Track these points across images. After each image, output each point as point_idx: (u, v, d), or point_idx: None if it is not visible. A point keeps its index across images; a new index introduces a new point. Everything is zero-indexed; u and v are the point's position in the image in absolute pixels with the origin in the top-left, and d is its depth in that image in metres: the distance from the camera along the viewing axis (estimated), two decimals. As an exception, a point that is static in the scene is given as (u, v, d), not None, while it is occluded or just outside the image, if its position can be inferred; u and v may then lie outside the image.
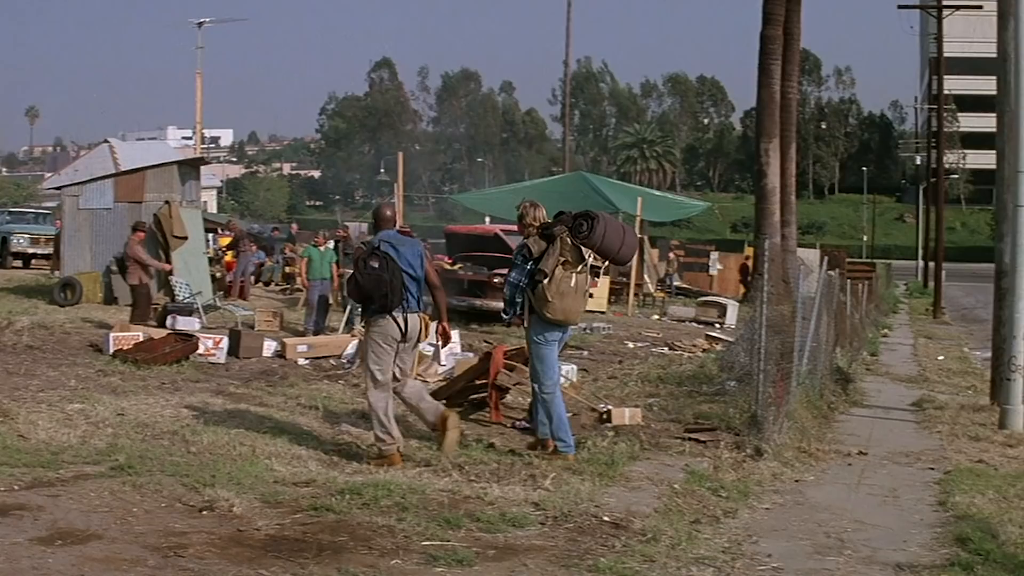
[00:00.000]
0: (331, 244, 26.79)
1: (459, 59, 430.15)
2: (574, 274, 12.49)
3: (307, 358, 20.92)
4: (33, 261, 46.25)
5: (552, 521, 9.94)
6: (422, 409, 12.84)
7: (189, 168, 31.26)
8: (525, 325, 12.99)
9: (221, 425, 13.72)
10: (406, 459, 12.39)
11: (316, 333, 23.92)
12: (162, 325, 23.46)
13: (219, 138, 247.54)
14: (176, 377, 17.97)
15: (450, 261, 30.34)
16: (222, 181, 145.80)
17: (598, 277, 13.29)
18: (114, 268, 28.17)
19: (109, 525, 9.11)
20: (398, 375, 12.57)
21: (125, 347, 19.37)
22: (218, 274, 34.24)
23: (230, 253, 37.89)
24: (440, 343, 13.94)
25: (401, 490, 10.59)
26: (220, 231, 44.57)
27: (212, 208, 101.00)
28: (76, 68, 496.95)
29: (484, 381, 15.67)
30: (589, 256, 12.56)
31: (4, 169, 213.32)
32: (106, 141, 32.57)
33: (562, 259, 12.49)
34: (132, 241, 24.78)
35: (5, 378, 17.12)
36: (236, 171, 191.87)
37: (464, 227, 37.58)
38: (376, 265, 12.06)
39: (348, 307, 25.23)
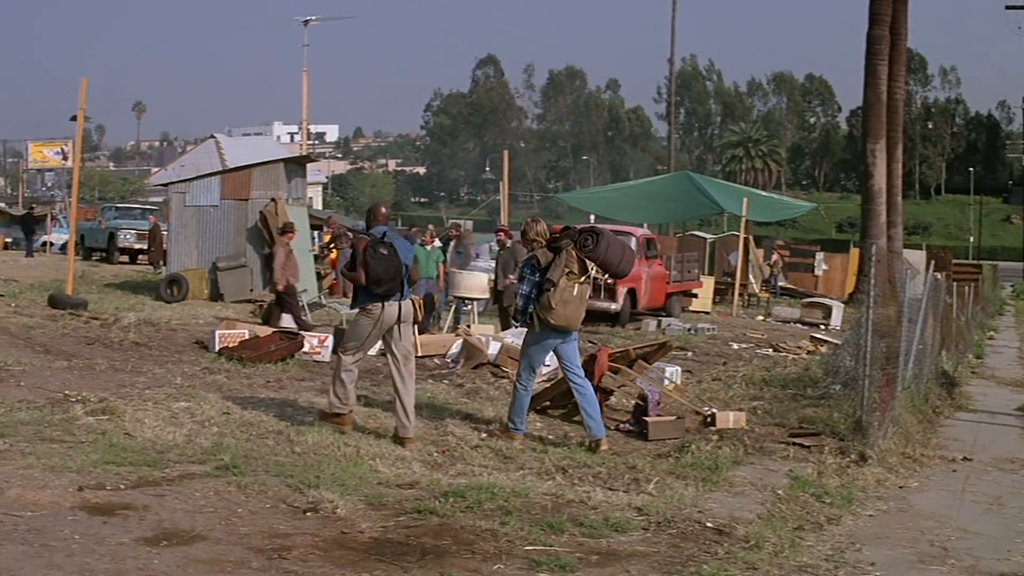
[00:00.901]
0: (437, 243, 26.81)
1: (564, 57, 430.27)
2: (577, 284, 13.36)
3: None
4: (139, 257, 46.80)
5: (655, 526, 9.89)
6: (402, 404, 13.44)
7: (295, 166, 31.46)
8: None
9: (326, 425, 13.75)
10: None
11: (421, 332, 23.89)
12: (267, 322, 23.60)
13: (324, 134, 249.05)
14: (281, 375, 18.06)
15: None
16: (327, 177, 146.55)
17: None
18: (221, 265, 28.42)
19: (214, 526, 9.14)
20: (399, 353, 13.59)
21: (231, 345, 19.49)
22: (323, 271, 34.41)
23: (335, 251, 38.07)
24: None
25: (505, 493, 10.58)
26: (324, 228, 44.78)
27: (317, 205, 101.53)
28: (183, 64, 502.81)
29: (589, 383, 15.58)
30: (592, 268, 13.58)
31: (111, 164, 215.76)
32: (212, 137, 32.84)
33: (567, 270, 13.33)
34: (280, 242, 24.74)
35: (112, 375, 17.30)
36: (341, 167, 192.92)
37: (565, 226, 37.43)
38: (386, 252, 13.05)
39: (454, 306, 25.23)
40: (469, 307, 24.99)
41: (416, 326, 23.92)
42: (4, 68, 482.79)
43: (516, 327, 15.37)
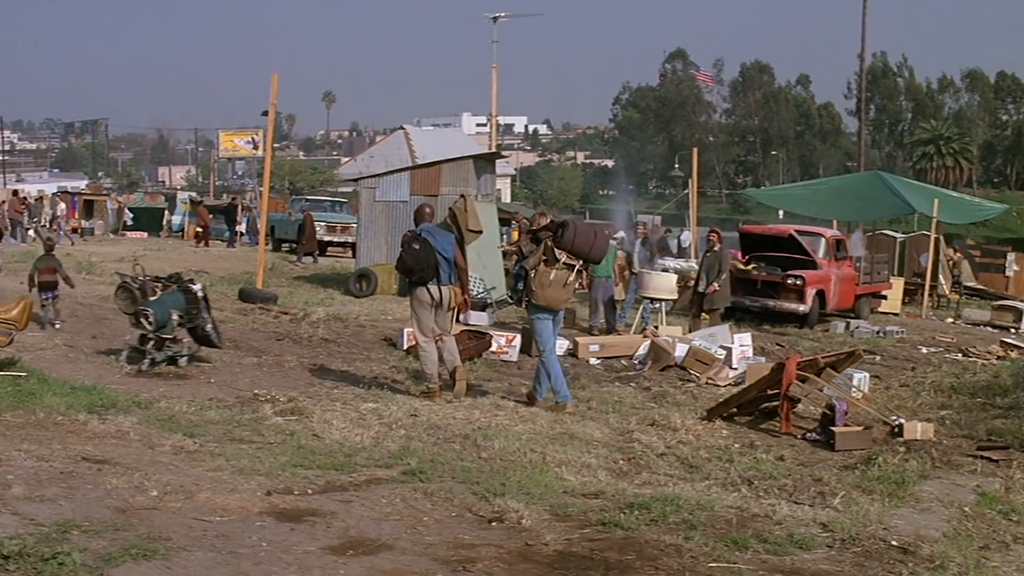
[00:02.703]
0: (612, 242, 26.63)
1: (753, 51, 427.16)
2: (554, 270, 15.32)
3: (598, 358, 20.79)
4: (328, 249, 47.28)
5: (840, 544, 9.65)
6: (447, 360, 15.95)
7: (485, 162, 31.54)
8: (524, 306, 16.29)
9: (512, 429, 13.74)
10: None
11: (607, 332, 23.79)
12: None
13: (513, 125, 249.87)
14: (469, 375, 18.04)
15: (744, 261, 29.94)
16: (515, 169, 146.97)
17: (581, 274, 15.76)
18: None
19: (400, 534, 9.12)
20: (438, 332, 15.89)
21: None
22: (510, 268, 34.40)
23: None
24: (458, 310, 17.02)
25: (690, 506, 10.42)
26: (512, 224, 44.86)
27: (506, 197, 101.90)
28: (373, 55, 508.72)
29: (776, 391, 15.37)
30: (562, 256, 15.29)
31: (301, 153, 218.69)
32: (401, 128, 33.14)
33: (544, 258, 15.38)
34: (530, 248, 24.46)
35: (300, 373, 17.50)
36: (530, 159, 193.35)
37: (759, 227, 37.09)
38: (417, 247, 15.65)
39: (641, 306, 25.08)
40: (657, 307, 24.82)
41: (603, 323, 24.00)
42: (198, 58, 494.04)
43: (513, 301, 18.03)
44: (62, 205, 54.34)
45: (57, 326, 20.20)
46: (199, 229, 56.42)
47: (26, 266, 24.06)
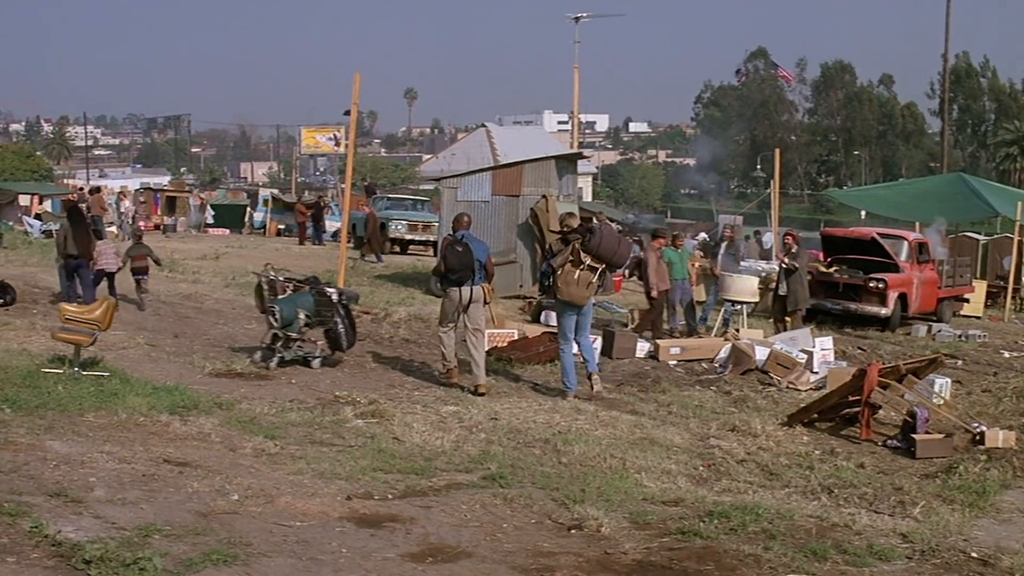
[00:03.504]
0: (692, 242, 26.45)
1: (834, 51, 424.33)
2: (578, 270, 16.45)
3: (679, 360, 20.68)
4: (410, 247, 47.33)
5: (919, 556, 9.56)
6: (474, 372, 16.86)
7: (566, 162, 31.45)
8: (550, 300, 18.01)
9: (592, 434, 13.71)
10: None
11: (688, 335, 23.67)
12: (536, 321, 23.63)
13: (594, 123, 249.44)
14: (549, 377, 18.04)
15: (826, 263, 29.73)
16: (597, 168, 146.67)
17: (604, 276, 17.13)
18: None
19: (479, 542, 9.11)
20: (472, 327, 17.02)
21: (499, 344, 19.52)
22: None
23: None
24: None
25: (769, 515, 10.36)
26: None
27: (587, 196, 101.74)
28: (454, 52, 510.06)
29: (857, 397, 15.24)
30: (587, 259, 16.47)
31: (383, 150, 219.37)
32: (483, 126, 33.10)
33: (571, 259, 16.53)
34: (651, 247, 24.17)
35: (382, 374, 17.55)
36: (611, 157, 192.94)
37: (841, 230, 36.86)
38: (460, 249, 16.82)
39: (723, 308, 24.96)
40: (738, 309, 24.69)
41: (683, 325, 23.89)
42: (280, 54, 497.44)
43: (541, 292, 19.93)
44: (127, 202, 54.77)
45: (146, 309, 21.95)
46: (282, 226, 56.67)
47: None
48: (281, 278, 18.55)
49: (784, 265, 24.66)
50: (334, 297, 18.18)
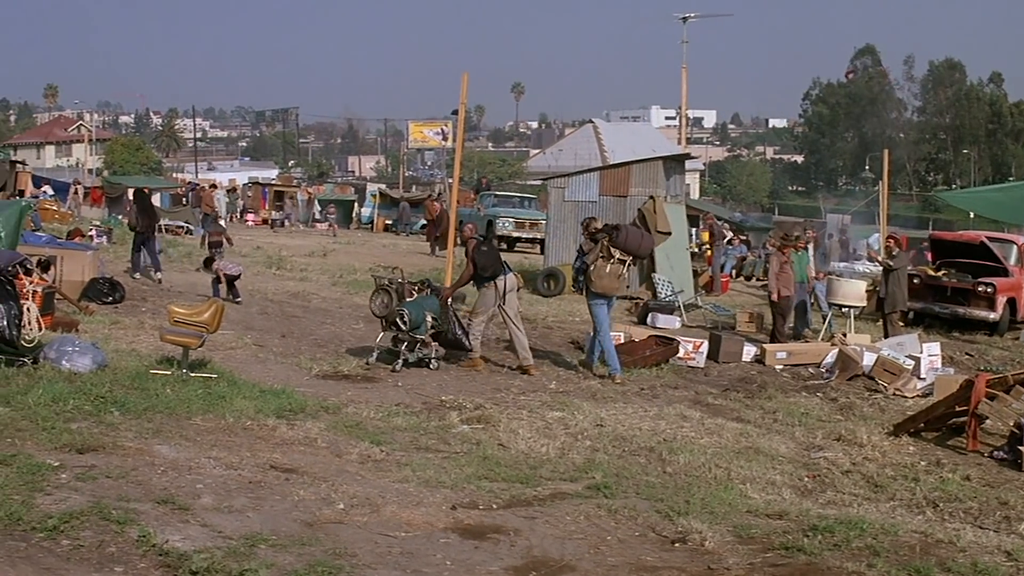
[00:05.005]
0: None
1: (943, 49, 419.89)
2: (609, 264, 18.14)
3: (785, 365, 20.52)
4: (517, 244, 47.37)
5: (1021, 575, 9.40)
6: (519, 354, 18.58)
7: (674, 163, 31.38)
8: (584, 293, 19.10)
9: (697, 442, 13.64)
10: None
11: (795, 339, 23.49)
12: (643, 323, 23.56)
13: (702, 119, 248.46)
14: (655, 382, 18.01)
15: (935, 267, 29.37)
16: (704, 164, 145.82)
17: (629, 267, 18.70)
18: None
19: (582, 555, 9.08)
20: (510, 314, 18.61)
21: (605, 348, 19.48)
22: (699, 268, 34.19)
23: (711, 248, 37.87)
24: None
25: (874, 530, 10.22)
26: (700, 225, 44.51)
27: (694, 193, 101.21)
28: (562, 47, 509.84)
29: (964, 408, 15.05)
30: (616, 253, 18.12)
31: (490, 144, 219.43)
32: (590, 121, 33.10)
33: (601, 254, 18.22)
34: (776, 254, 23.61)
35: (488, 377, 17.60)
36: (719, 153, 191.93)
37: (950, 233, 36.50)
38: (486, 249, 18.82)
39: (829, 313, 24.75)
40: (844, 312, 24.45)
41: (791, 330, 23.69)
42: (388, 47, 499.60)
43: (578, 287, 21.06)
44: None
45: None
46: (389, 222, 56.87)
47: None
48: (407, 281, 18.77)
49: (880, 264, 24.49)
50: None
